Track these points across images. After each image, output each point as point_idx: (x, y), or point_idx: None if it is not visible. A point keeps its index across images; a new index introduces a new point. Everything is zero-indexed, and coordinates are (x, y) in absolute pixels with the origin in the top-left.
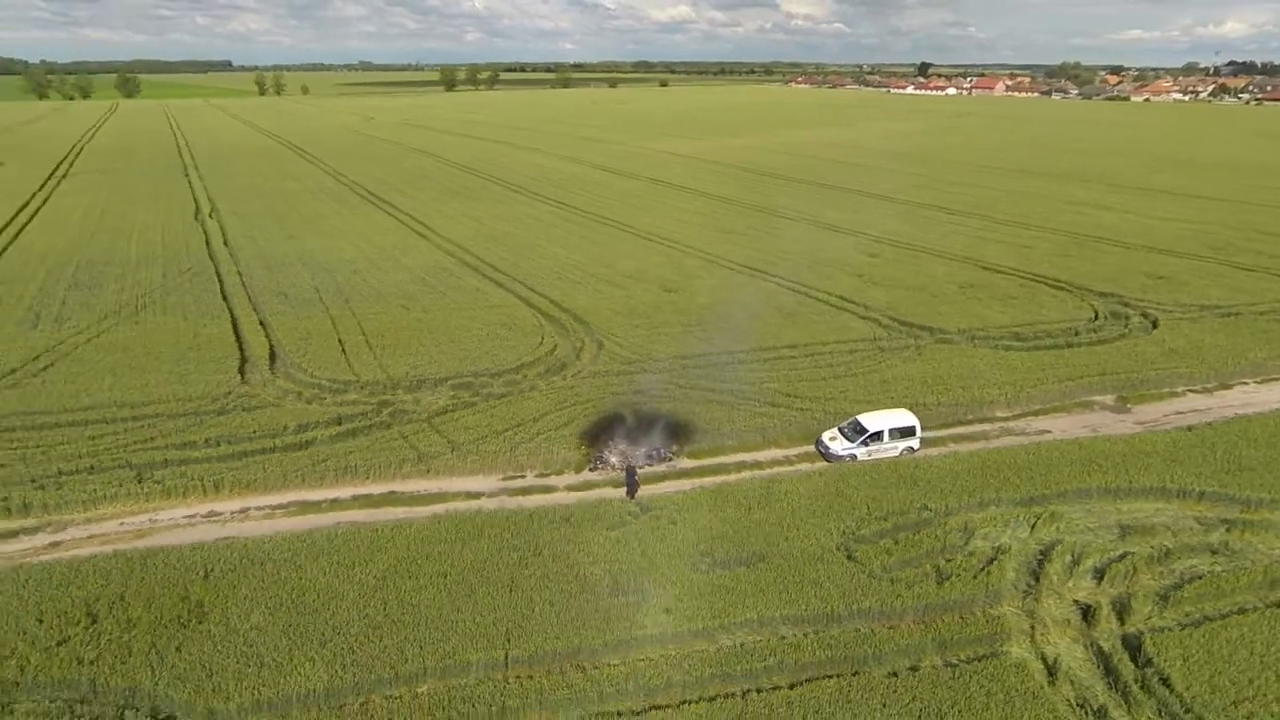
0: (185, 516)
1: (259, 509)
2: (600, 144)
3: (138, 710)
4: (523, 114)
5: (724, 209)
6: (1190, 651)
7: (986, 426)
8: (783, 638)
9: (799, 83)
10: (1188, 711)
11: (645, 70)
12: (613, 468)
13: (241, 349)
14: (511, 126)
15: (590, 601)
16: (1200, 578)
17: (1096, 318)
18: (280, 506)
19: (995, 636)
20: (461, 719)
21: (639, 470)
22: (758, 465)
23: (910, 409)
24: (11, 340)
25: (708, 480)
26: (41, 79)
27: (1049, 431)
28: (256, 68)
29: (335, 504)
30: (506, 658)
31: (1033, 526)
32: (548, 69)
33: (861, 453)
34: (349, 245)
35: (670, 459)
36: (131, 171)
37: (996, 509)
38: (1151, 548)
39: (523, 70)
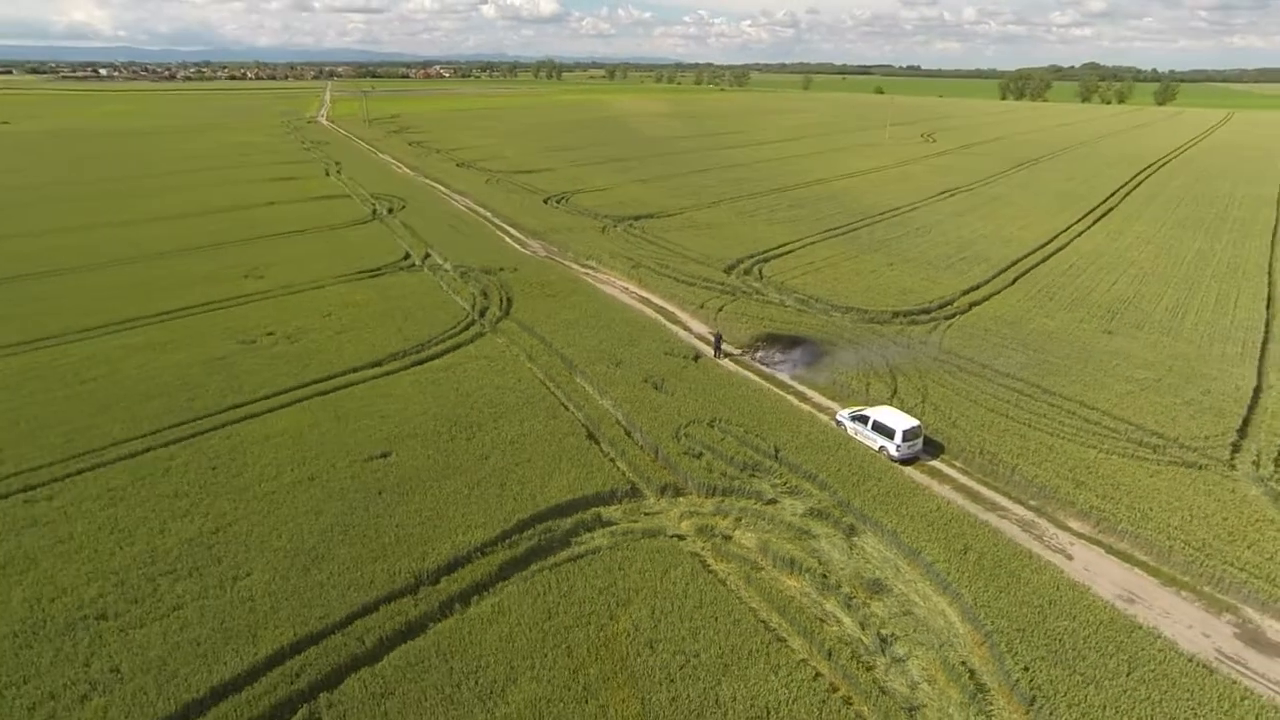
0: (618, 282)
1: (623, 290)
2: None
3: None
4: None
5: None
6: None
7: (1030, 515)
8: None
9: None
10: None
11: None
12: (755, 358)
13: (747, 255)
14: None
15: (625, 359)
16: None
17: None
18: (625, 291)
19: (645, 482)
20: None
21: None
22: (800, 396)
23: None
24: (749, 235)
25: (750, 375)
26: (1091, 83)
27: (1071, 557)
28: None
29: (649, 303)
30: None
31: (807, 514)
32: None
33: (849, 426)
34: (968, 229)
35: (777, 369)
36: (1049, 175)
37: (817, 489)
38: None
39: None
